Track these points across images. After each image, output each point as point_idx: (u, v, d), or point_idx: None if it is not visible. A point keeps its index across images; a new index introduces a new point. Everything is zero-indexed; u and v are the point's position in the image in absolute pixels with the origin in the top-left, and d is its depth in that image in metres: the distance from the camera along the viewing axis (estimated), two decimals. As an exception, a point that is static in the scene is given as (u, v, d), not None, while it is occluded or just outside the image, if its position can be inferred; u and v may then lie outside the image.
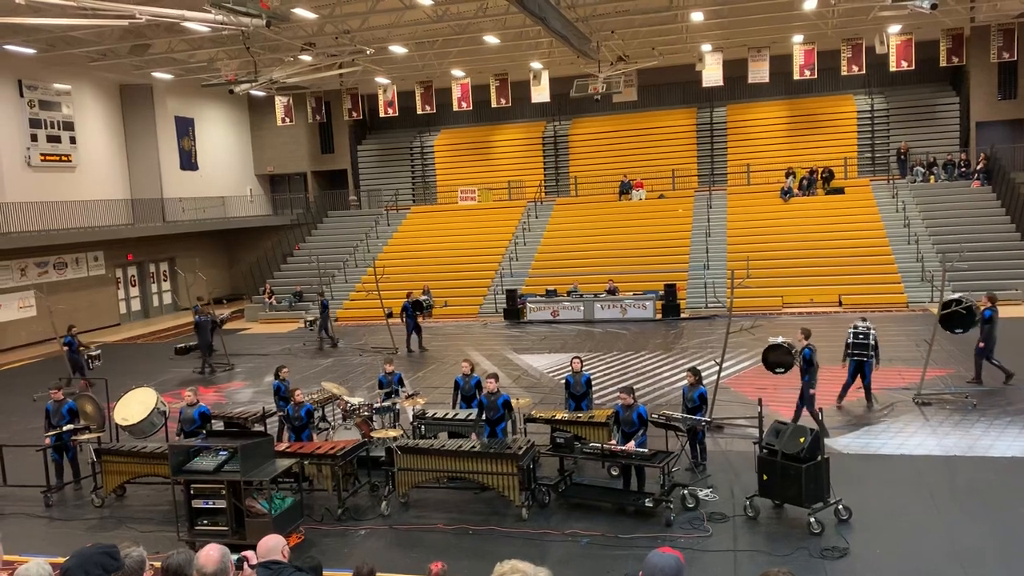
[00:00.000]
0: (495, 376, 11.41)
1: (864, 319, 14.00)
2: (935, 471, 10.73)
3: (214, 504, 9.29)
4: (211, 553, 4.17)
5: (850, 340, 13.62)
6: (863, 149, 33.51)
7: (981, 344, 14.74)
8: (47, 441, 11.63)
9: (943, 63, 29.02)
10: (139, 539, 4.75)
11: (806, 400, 12.45)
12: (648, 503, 9.59)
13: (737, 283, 14.70)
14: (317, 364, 20.64)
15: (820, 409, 11.44)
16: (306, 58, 27.10)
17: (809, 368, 12.45)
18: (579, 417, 11.55)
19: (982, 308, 14.46)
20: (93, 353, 19.57)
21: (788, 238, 28.44)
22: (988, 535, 8.66)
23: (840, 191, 30.87)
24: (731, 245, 28.42)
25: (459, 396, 12.24)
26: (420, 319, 22.32)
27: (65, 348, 19.41)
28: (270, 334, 24.58)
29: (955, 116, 32.53)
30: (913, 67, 28.59)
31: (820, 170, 31.70)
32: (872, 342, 13.36)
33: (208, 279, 29.67)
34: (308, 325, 23.34)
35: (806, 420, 11.71)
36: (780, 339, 12.77)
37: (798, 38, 28.62)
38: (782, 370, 12.64)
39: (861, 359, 13.49)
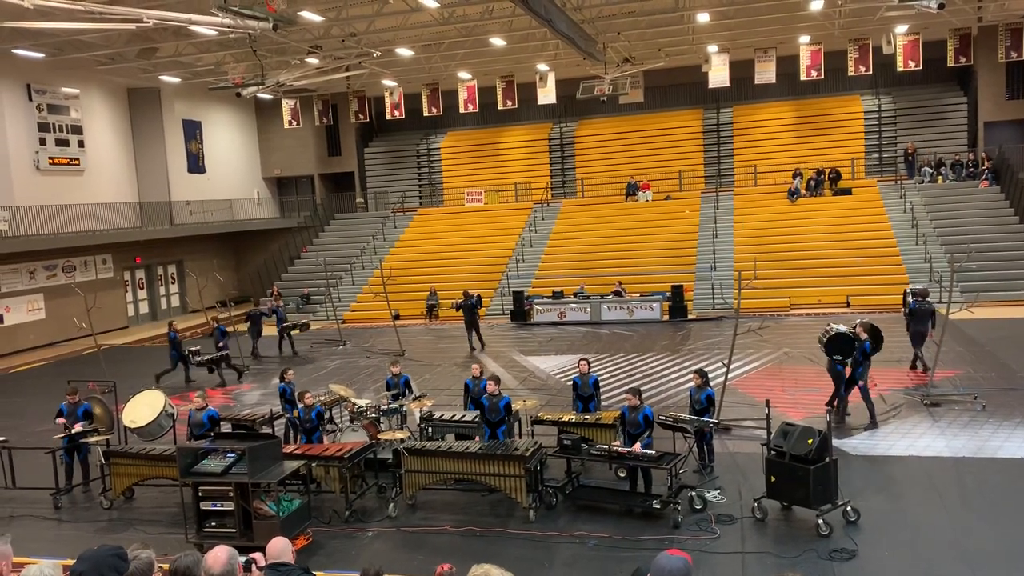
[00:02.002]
0: (496, 378, 11.43)
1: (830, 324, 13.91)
2: (944, 472, 10.68)
3: (222, 506, 9.29)
4: (219, 555, 4.19)
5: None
6: (870, 149, 33.42)
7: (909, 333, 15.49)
8: (65, 425, 11.62)
9: (950, 63, 28.90)
10: (147, 541, 4.75)
11: (861, 390, 12.64)
12: (655, 505, 9.57)
13: (744, 284, 14.67)
14: (324, 367, 20.68)
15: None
16: (313, 61, 27.17)
17: (865, 361, 12.62)
18: (586, 419, 11.52)
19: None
20: (193, 349, 19.76)
21: (795, 239, 28.38)
22: (997, 537, 8.62)
23: (847, 192, 30.79)
24: (738, 246, 28.38)
25: (469, 398, 12.28)
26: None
27: (167, 343, 19.63)
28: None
29: (963, 116, 32.40)
30: (920, 67, 28.53)
31: (827, 171, 31.61)
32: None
33: (216, 282, 29.73)
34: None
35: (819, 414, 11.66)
36: (844, 328, 12.94)
37: (805, 39, 28.55)
38: (840, 358, 12.83)
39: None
